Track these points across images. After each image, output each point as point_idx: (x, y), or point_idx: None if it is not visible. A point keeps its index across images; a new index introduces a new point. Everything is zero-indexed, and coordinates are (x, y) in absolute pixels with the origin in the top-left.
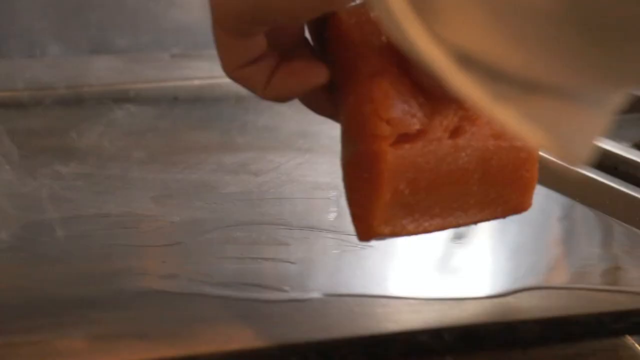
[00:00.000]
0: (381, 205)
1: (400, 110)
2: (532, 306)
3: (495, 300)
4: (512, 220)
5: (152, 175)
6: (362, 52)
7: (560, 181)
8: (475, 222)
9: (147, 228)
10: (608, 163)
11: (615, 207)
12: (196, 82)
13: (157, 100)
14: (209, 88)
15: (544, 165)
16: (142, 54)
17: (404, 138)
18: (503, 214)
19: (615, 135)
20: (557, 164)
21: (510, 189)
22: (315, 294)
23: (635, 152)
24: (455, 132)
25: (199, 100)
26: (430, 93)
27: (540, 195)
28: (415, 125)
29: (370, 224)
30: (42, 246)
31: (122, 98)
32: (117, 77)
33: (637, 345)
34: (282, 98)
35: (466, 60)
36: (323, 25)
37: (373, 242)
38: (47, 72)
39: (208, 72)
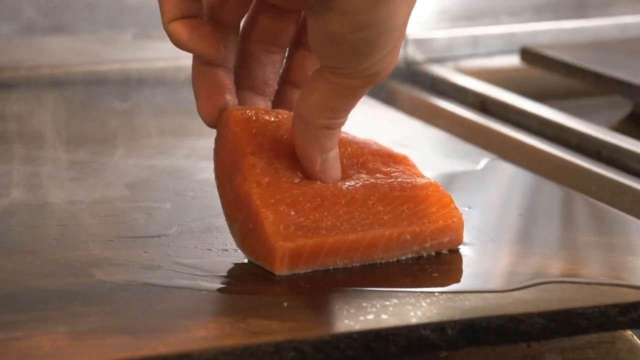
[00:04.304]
0: (268, 224)
1: (269, 178)
2: (535, 299)
3: (499, 294)
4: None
5: (122, 160)
6: (241, 141)
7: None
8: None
9: (124, 216)
10: (590, 147)
11: (603, 193)
12: (160, 64)
13: (120, 82)
14: (173, 70)
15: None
16: (102, 35)
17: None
18: (432, 224)
19: (591, 119)
20: None
21: (424, 205)
22: (308, 286)
23: (618, 135)
24: None
25: (163, 83)
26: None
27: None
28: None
29: (270, 246)
30: (12, 235)
31: (85, 80)
32: (77, 59)
33: (635, 337)
34: (177, 42)
35: None
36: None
37: None
38: (2, 53)
39: (172, 54)
